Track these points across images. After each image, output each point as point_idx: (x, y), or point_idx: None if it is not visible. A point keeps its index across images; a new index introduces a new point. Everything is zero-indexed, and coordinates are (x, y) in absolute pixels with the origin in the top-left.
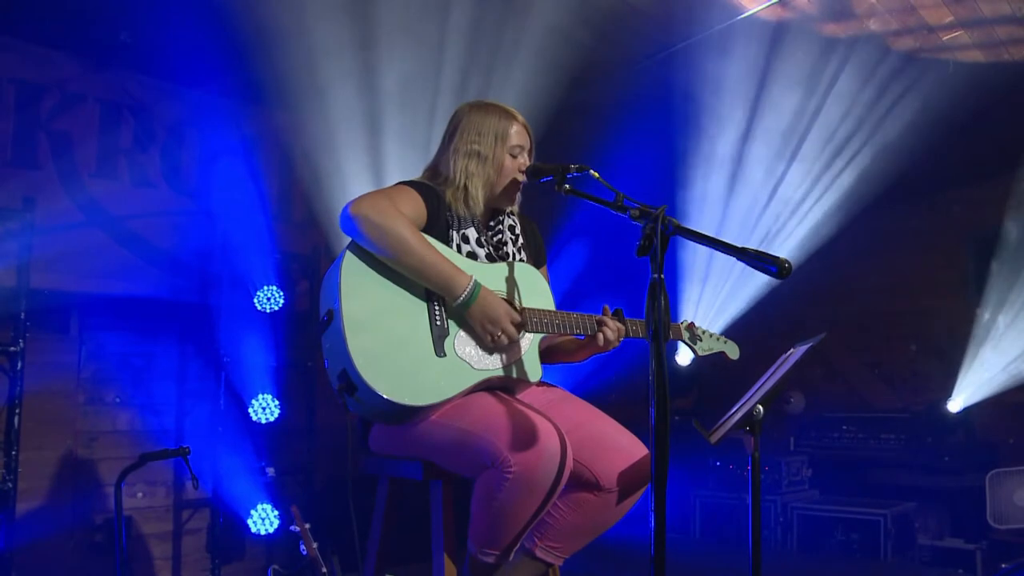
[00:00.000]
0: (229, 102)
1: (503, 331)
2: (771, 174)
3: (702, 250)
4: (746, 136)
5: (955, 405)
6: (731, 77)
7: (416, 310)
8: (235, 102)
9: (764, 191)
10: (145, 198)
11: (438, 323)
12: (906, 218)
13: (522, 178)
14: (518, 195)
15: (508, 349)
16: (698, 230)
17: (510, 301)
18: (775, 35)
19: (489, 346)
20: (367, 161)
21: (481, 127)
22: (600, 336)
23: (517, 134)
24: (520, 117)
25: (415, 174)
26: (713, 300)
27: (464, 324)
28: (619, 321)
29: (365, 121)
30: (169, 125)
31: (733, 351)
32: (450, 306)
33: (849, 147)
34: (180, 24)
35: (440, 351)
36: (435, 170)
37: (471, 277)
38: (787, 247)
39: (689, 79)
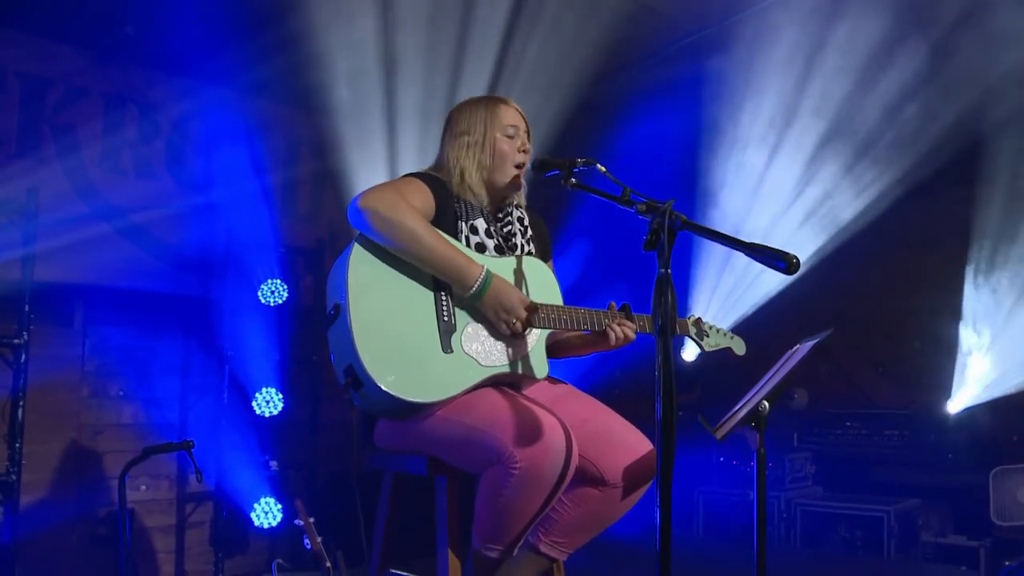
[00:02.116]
0: (234, 95)
1: (517, 318)
2: (783, 172)
3: (717, 245)
4: (758, 133)
5: (959, 402)
6: (738, 73)
7: (424, 305)
8: (240, 95)
9: (776, 189)
10: (149, 191)
11: (445, 319)
12: (912, 215)
13: (522, 159)
14: (522, 181)
15: (515, 344)
16: (704, 225)
17: None
18: (783, 31)
19: (505, 333)
20: (373, 155)
21: (470, 117)
22: (611, 334)
23: (507, 115)
24: (511, 101)
25: (423, 167)
26: (725, 296)
27: (472, 319)
28: (626, 317)
29: (372, 115)
30: (173, 118)
31: (740, 347)
32: (459, 300)
33: (858, 145)
34: (184, 17)
35: (447, 347)
36: (436, 168)
37: (482, 267)
38: (793, 244)
39: (704, 73)
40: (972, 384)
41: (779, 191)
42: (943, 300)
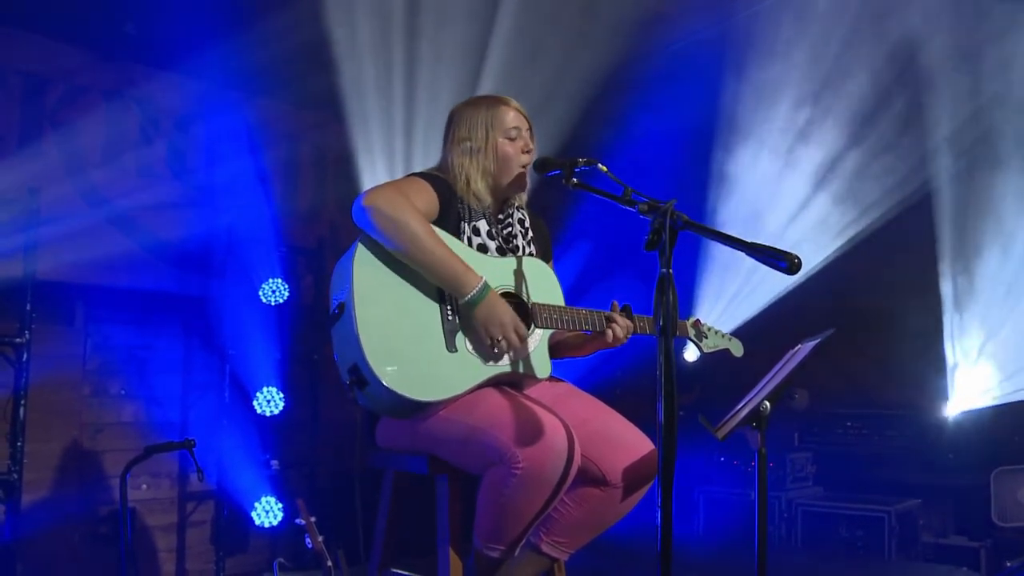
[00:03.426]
0: (235, 94)
1: (504, 337)
2: (785, 172)
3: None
4: (760, 133)
5: (960, 403)
6: (739, 73)
7: (428, 304)
8: (241, 93)
9: (779, 190)
10: (150, 189)
11: (450, 318)
12: (914, 215)
13: (526, 159)
14: (527, 180)
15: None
16: (707, 225)
17: (519, 295)
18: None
19: (488, 350)
20: (376, 154)
21: (471, 121)
22: (609, 332)
23: (508, 117)
24: (512, 102)
25: (428, 167)
26: (732, 297)
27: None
28: (627, 317)
29: (375, 113)
30: (175, 117)
31: (737, 348)
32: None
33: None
34: (185, 15)
35: (451, 346)
36: (440, 169)
37: (481, 278)
38: (796, 243)
39: (704, 74)
40: (973, 385)
41: (782, 192)
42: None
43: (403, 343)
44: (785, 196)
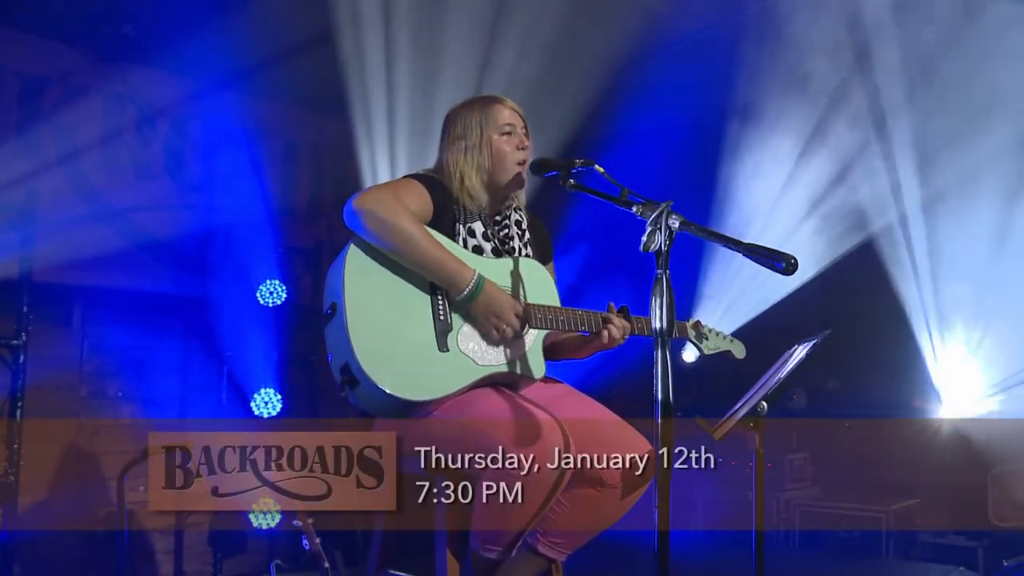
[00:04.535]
0: (233, 95)
1: (507, 324)
2: (788, 172)
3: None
4: (758, 135)
5: (958, 403)
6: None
7: (420, 304)
8: (239, 95)
9: (781, 190)
10: (147, 191)
11: (442, 318)
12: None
13: (522, 156)
14: (524, 178)
15: (512, 345)
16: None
17: (515, 297)
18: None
19: (494, 340)
20: (373, 155)
21: (466, 120)
22: (605, 334)
23: (503, 114)
24: (507, 100)
25: (424, 168)
26: (735, 297)
27: (468, 319)
28: (624, 319)
29: (372, 114)
30: (172, 118)
31: (739, 350)
32: (454, 300)
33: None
34: (183, 17)
35: (443, 346)
36: (436, 171)
37: (475, 271)
38: (796, 243)
39: (704, 75)
40: (972, 385)
41: (784, 191)
42: (946, 300)
43: (394, 343)
44: (787, 199)
